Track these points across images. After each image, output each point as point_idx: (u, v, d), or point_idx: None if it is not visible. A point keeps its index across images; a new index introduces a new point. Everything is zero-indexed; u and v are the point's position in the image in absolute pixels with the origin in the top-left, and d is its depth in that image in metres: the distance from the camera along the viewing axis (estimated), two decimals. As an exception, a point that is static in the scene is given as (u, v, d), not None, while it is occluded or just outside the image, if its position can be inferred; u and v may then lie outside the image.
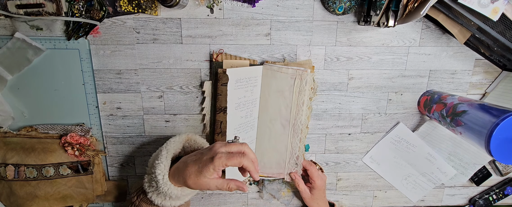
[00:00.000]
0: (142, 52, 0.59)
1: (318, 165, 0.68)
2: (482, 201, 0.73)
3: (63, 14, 0.55)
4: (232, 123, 0.59)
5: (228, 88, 0.57)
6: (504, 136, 0.44)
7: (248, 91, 0.60)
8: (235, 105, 0.59)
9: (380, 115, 0.66)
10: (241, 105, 0.60)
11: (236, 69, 0.57)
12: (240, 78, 0.58)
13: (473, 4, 0.49)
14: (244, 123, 0.62)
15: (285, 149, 0.63)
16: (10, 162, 0.59)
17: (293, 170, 0.64)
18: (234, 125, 0.60)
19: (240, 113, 0.60)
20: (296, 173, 0.64)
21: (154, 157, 0.52)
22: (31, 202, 0.62)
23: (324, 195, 0.67)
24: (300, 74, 0.57)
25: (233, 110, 0.59)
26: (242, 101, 0.60)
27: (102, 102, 0.62)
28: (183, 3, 0.53)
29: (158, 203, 0.49)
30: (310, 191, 0.65)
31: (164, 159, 0.49)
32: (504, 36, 0.53)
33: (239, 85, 0.58)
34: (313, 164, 0.66)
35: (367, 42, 0.61)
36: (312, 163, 0.67)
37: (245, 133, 0.62)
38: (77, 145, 0.61)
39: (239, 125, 0.61)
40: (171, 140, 0.55)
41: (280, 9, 0.58)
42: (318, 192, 0.65)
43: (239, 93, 0.59)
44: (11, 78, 0.59)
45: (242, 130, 0.62)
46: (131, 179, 0.68)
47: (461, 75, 0.64)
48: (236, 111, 0.59)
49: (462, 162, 0.68)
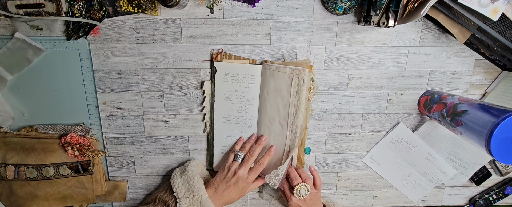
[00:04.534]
0: (142, 52, 0.59)
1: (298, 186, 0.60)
2: (482, 201, 0.73)
3: (63, 14, 0.55)
4: (220, 112, 0.63)
5: (216, 79, 0.60)
6: (504, 136, 0.44)
7: (241, 87, 0.61)
8: (224, 96, 0.61)
9: (380, 115, 0.66)
10: (231, 97, 0.61)
11: (224, 63, 0.59)
12: (230, 72, 0.60)
13: (473, 4, 0.49)
14: (237, 116, 0.63)
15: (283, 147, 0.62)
16: (10, 162, 0.59)
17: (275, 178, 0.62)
18: (223, 114, 0.63)
19: (231, 105, 0.62)
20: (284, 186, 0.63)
21: (185, 179, 0.59)
22: (31, 202, 0.62)
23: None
24: (297, 73, 0.57)
25: (222, 100, 0.62)
26: (233, 95, 0.61)
27: (102, 103, 0.62)
28: (183, 3, 0.53)
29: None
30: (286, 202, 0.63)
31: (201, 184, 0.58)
32: (504, 36, 0.53)
33: (228, 78, 0.60)
34: (286, 183, 0.62)
35: (367, 42, 0.61)
36: (288, 183, 0.62)
37: (239, 127, 0.63)
38: (77, 145, 0.60)
39: (228, 115, 0.63)
40: (193, 167, 0.62)
41: (280, 9, 0.58)
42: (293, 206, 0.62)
43: (230, 87, 0.61)
44: (11, 78, 0.59)
45: (233, 122, 0.63)
46: (131, 179, 0.68)
47: (461, 75, 0.64)
48: (225, 102, 0.62)
49: (462, 162, 0.68)
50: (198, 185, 0.57)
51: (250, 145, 0.62)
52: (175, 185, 0.59)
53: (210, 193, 0.58)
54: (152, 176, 0.68)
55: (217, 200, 0.58)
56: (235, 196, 0.60)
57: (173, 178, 0.60)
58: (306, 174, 0.63)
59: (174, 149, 0.66)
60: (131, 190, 0.69)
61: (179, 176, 0.60)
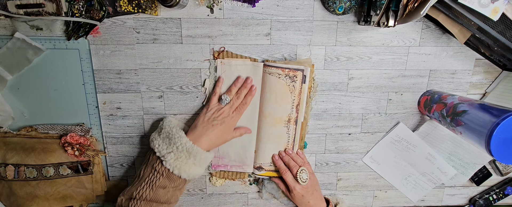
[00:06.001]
0: (142, 52, 0.59)
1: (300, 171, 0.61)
2: (482, 201, 0.73)
3: (63, 14, 0.55)
4: None
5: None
6: (504, 136, 0.44)
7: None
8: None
9: (380, 114, 0.66)
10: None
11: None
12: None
13: (473, 4, 0.49)
14: None
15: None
16: (10, 162, 0.59)
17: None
18: None
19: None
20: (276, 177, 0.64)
21: (166, 134, 0.56)
22: (31, 202, 0.62)
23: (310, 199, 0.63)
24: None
25: None
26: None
27: (102, 103, 0.62)
28: (183, 3, 0.53)
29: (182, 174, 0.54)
30: (289, 194, 0.63)
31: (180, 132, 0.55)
32: (504, 36, 0.53)
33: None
34: (287, 171, 0.61)
35: (367, 42, 0.61)
36: (287, 170, 0.61)
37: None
38: (77, 145, 0.60)
39: None
40: (169, 122, 0.59)
41: (280, 9, 0.58)
42: (297, 197, 0.62)
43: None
44: (11, 78, 0.59)
45: None
46: (131, 179, 0.68)
47: (461, 75, 0.64)
48: None
49: (462, 161, 0.68)
50: (177, 134, 0.54)
51: (236, 88, 0.60)
52: (155, 146, 0.54)
53: (192, 137, 0.55)
54: (152, 176, 0.68)
55: (202, 144, 0.55)
56: (220, 138, 0.57)
57: (151, 141, 0.56)
58: (299, 159, 0.63)
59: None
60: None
61: (157, 136, 0.56)
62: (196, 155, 0.54)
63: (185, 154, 0.53)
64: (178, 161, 0.53)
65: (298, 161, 0.62)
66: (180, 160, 0.53)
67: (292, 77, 0.58)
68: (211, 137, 0.56)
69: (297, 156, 0.64)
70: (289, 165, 0.62)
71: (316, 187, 0.64)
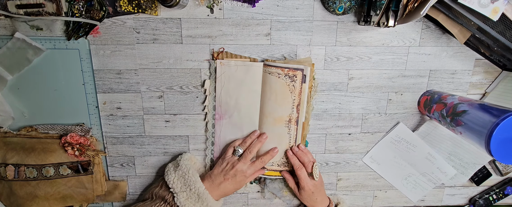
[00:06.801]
0: (142, 52, 0.59)
1: (314, 167, 0.62)
2: (482, 201, 0.73)
3: (63, 14, 0.55)
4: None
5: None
6: (504, 136, 0.44)
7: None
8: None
9: (380, 115, 0.66)
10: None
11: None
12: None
13: (473, 4, 0.49)
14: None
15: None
16: (10, 162, 0.59)
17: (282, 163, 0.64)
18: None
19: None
20: (286, 172, 0.64)
21: (180, 174, 0.59)
22: (31, 202, 0.62)
23: (318, 196, 0.64)
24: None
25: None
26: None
27: (102, 103, 0.62)
28: (183, 3, 0.53)
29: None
30: (298, 190, 0.63)
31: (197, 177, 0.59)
32: (504, 36, 0.53)
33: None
34: (303, 167, 0.62)
35: (367, 42, 0.61)
36: (302, 166, 0.62)
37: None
38: (77, 145, 0.60)
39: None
40: (187, 161, 0.62)
41: (280, 9, 0.58)
42: (307, 194, 0.62)
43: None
44: (11, 78, 0.59)
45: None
46: (131, 179, 0.68)
47: (461, 75, 0.64)
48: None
49: (462, 162, 0.68)
50: (194, 179, 0.58)
51: (251, 140, 0.62)
52: (170, 180, 0.59)
53: (207, 185, 0.59)
54: (152, 176, 0.68)
55: (214, 192, 0.59)
56: (231, 189, 0.61)
57: (167, 174, 0.60)
58: (311, 156, 0.63)
59: (174, 149, 0.66)
60: (131, 190, 0.69)
61: (173, 171, 0.60)
62: (204, 202, 0.58)
63: (196, 197, 0.58)
64: (188, 201, 0.57)
65: (310, 157, 0.63)
66: (190, 200, 0.58)
67: (291, 77, 0.58)
68: (222, 188, 0.60)
69: (309, 152, 0.64)
70: (303, 161, 0.62)
71: (322, 184, 0.66)
